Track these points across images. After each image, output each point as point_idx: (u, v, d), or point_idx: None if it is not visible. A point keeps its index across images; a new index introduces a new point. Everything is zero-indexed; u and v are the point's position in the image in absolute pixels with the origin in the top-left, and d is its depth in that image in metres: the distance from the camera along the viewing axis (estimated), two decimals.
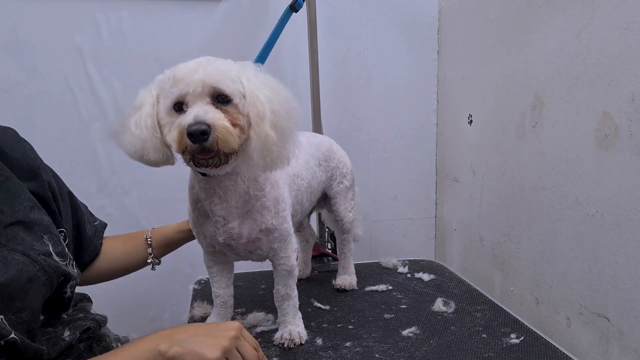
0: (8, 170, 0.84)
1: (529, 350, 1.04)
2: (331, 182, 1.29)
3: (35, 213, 0.84)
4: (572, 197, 1.17)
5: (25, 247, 0.79)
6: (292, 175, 1.08)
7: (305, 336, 1.08)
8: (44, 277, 0.80)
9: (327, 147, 1.27)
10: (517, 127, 1.37)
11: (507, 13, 1.40)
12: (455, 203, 1.79)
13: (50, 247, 0.84)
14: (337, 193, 1.31)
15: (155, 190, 1.69)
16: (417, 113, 1.86)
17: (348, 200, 1.33)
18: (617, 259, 1.05)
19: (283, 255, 1.05)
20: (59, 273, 0.84)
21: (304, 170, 1.13)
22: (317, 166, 1.21)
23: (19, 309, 0.75)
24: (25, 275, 0.76)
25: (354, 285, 1.37)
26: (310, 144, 1.21)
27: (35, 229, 0.83)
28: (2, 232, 0.77)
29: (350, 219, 1.33)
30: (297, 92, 1.73)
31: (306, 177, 1.13)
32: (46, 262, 0.81)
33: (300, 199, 1.12)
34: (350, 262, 1.40)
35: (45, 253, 0.82)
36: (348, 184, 1.32)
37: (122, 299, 1.69)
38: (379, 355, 1.03)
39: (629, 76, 0.99)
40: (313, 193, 1.20)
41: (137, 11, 1.59)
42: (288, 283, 1.08)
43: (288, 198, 1.03)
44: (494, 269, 1.54)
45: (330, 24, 1.73)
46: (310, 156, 1.18)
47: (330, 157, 1.27)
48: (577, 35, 1.12)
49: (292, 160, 0.92)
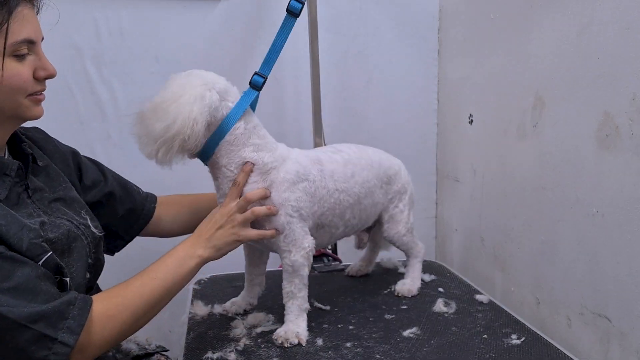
0: (47, 159, 1.02)
1: (529, 351, 1.04)
2: (389, 204, 1.31)
3: (72, 192, 1.01)
4: (573, 197, 1.17)
5: (68, 217, 0.96)
6: (332, 189, 1.14)
7: (305, 337, 1.08)
8: (85, 241, 0.96)
9: (394, 171, 1.31)
10: (518, 127, 1.36)
11: (507, 13, 1.39)
12: (455, 203, 1.78)
13: (88, 220, 1.00)
14: (391, 217, 1.31)
15: (156, 190, 1.68)
16: (417, 113, 1.86)
17: (402, 224, 1.32)
18: (618, 259, 1.05)
19: (284, 249, 1.09)
20: (96, 241, 0.99)
21: (357, 187, 1.19)
22: (378, 187, 1.25)
23: (67, 263, 0.90)
24: (71, 235, 0.92)
25: (414, 292, 1.33)
26: (380, 166, 1.27)
27: (74, 205, 1.00)
28: (47, 206, 0.94)
29: (404, 241, 1.34)
30: (297, 92, 1.73)
31: (356, 195, 1.19)
32: (86, 230, 0.97)
33: (340, 212, 1.17)
34: (414, 268, 1.37)
35: (84, 224, 0.98)
36: (403, 207, 1.32)
37: None
38: (380, 355, 1.03)
39: (629, 76, 0.99)
40: (364, 211, 1.23)
41: (136, 11, 1.58)
42: (293, 281, 1.09)
43: (292, 200, 1.07)
44: (494, 269, 1.53)
45: (331, 24, 1.72)
46: (373, 176, 1.23)
47: (395, 180, 1.31)
48: (577, 34, 1.12)
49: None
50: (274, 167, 1.06)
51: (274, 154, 1.07)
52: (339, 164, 1.17)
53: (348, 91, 1.79)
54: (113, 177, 1.18)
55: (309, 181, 1.10)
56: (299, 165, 1.10)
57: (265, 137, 1.09)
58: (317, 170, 1.13)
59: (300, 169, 1.09)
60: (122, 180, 1.20)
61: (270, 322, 1.17)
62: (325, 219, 1.15)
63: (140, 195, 1.22)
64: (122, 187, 1.18)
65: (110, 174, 1.17)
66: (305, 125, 1.72)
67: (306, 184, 1.10)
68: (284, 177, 1.07)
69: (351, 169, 1.18)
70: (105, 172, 1.17)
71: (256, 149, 1.06)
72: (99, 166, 1.18)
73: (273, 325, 1.15)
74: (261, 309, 1.22)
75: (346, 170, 1.17)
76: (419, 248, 1.37)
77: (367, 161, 1.23)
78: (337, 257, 1.64)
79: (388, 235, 1.32)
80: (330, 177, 1.14)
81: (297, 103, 1.74)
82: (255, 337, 1.12)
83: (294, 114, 1.74)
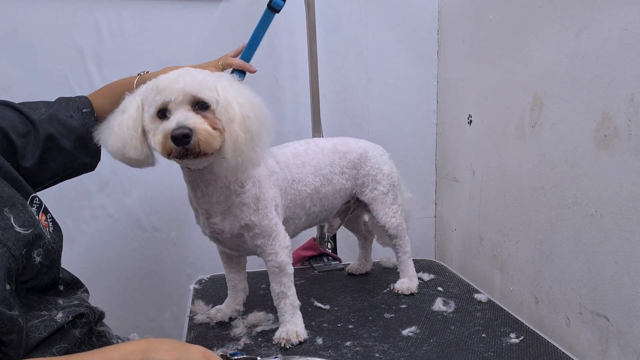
0: None
1: (528, 350, 1.04)
2: (362, 189, 1.30)
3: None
4: (572, 197, 1.17)
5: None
6: (290, 180, 1.14)
7: (304, 335, 1.09)
8: (2, 250, 0.81)
9: (357, 155, 1.29)
10: (517, 127, 1.37)
11: (506, 13, 1.40)
12: (454, 203, 1.79)
13: (12, 219, 0.85)
14: (372, 199, 1.31)
15: (156, 190, 1.69)
16: (417, 113, 1.86)
17: (387, 205, 1.32)
18: (616, 258, 1.05)
19: (270, 252, 1.08)
20: (21, 244, 0.85)
21: (310, 177, 1.18)
22: (337, 174, 1.24)
23: None
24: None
25: (413, 290, 1.34)
26: (334, 152, 1.25)
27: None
28: None
29: (393, 224, 1.32)
30: (297, 92, 1.74)
31: (311, 184, 1.18)
32: (5, 235, 0.83)
33: (300, 203, 1.17)
34: (408, 266, 1.37)
35: (5, 227, 0.83)
36: (384, 189, 1.31)
37: (123, 298, 1.69)
38: (379, 354, 1.03)
39: (628, 76, 0.99)
40: (324, 199, 1.23)
41: (137, 11, 1.58)
42: (282, 281, 1.09)
43: (273, 197, 1.08)
44: (493, 268, 1.54)
45: (330, 25, 1.73)
46: (326, 163, 1.22)
47: (361, 164, 1.29)
48: (576, 35, 1.13)
49: (262, 163, 1.01)
50: None
51: None
52: (288, 157, 1.17)
53: (347, 91, 1.79)
54: (39, 118, 1.02)
55: (275, 173, 1.11)
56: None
57: None
58: (274, 162, 1.13)
59: (267, 161, 1.10)
60: (52, 113, 1.04)
61: (270, 322, 1.17)
62: (289, 211, 1.16)
63: (76, 119, 1.06)
64: (56, 122, 1.04)
65: (36, 115, 1.02)
66: (304, 125, 1.73)
67: (275, 177, 1.11)
68: (264, 174, 1.07)
69: (301, 160, 1.18)
70: (29, 116, 1.01)
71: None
72: (22, 112, 1.01)
73: (273, 324, 1.16)
74: (261, 309, 1.22)
75: (296, 161, 1.18)
76: (406, 240, 1.36)
77: (314, 150, 1.22)
78: (337, 257, 1.65)
79: (377, 217, 1.32)
80: (286, 168, 1.15)
81: (297, 103, 1.74)
82: (255, 336, 1.13)
83: (294, 114, 1.75)
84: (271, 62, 1.71)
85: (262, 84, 1.70)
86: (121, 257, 1.71)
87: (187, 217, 1.73)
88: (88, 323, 0.98)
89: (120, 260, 1.71)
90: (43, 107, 1.05)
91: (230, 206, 1.04)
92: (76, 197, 1.63)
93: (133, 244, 1.70)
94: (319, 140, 1.28)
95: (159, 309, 1.75)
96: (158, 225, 1.71)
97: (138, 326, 1.69)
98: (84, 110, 1.08)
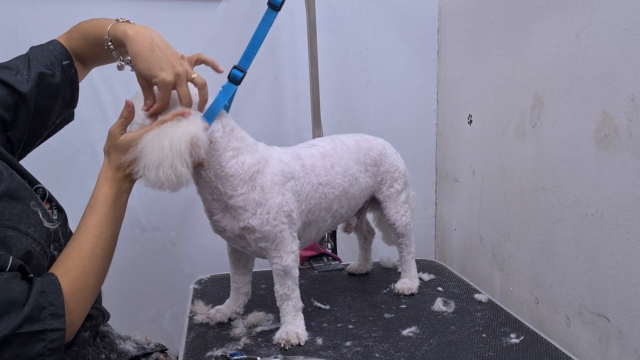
0: None
1: (528, 350, 1.04)
2: (381, 186, 1.30)
3: (15, 178, 0.87)
4: (572, 197, 1.17)
5: (14, 221, 0.82)
6: (316, 184, 1.13)
7: (304, 337, 1.08)
8: (38, 247, 0.85)
9: (378, 152, 1.28)
10: (517, 127, 1.37)
11: (506, 13, 1.40)
12: (455, 203, 1.79)
13: (40, 213, 0.88)
14: (387, 197, 1.30)
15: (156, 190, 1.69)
16: (416, 113, 1.86)
17: (400, 203, 1.31)
18: (616, 258, 1.05)
19: (275, 255, 1.07)
20: (50, 240, 0.89)
21: (339, 178, 1.17)
22: (362, 172, 1.23)
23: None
24: (29, 256, 0.82)
25: (414, 290, 1.33)
26: (359, 149, 1.24)
27: (22, 195, 0.86)
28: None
29: (403, 222, 1.32)
30: (297, 92, 1.74)
31: (340, 185, 1.17)
32: (37, 233, 0.85)
33: (327, 206, 1.16)
34: (410, 266, 1.36)
35: (35, 222, 0.86)
36: (399, 187, 1.31)
37: (122, 298, 1.69)
38: (379, 354, 1.03)
39: (628, 76, 0.99)
40: (352, 199, 1.22)
41: (137, 11, 1.58)
42: (286, 283, 1.09)
43: (283, 204, 1.05)
44: (493, 268, 1.54)
45: (330, 24, 1.73)
46: (353, 162, 1.21)
47: (382, 161, 1.28)
48: (576, 35, 1.13)
49: (271, 168, 1.05)
50: (258, 170, 1.03)
51: (255, 156, 1.04)
52: (317, 158, 1.15)
53: (347, 91, 1.79)
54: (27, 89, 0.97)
55: (295, 179, 1.09)
56: (282, 163, 1.08)
57: (244, 138, 1.05)
58: (299, 166, 1.11)
59: (285, 168, 1.08)
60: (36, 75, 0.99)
61: (270, 322, 1.17)
62: (312, 215, 1.14)
63: (57, 76, 1.03)
64: (42, 87, 1.00)
65: (23, 87, 0.96)
66: (304, 125, 1.73)
67: (293, 183, 1.08)
68: (272, 180, 1.04)
69: (329, 160, 1.17)
70: (16, 88, 0.96)
71: (236, 154, 1.02)
72: (7, 84, 0.96)
73: (273, 324, 1.16)
74: (261, 309, 1.22)
75: (325, 163, 1.16)
76: (412, 240, 1.36)
77: (342, 149, 1.21)
78: (337, 257, 1.65)
79: (388, 214, 1.31)
80: (312, 172, 1.13)
81: (297, 103, 1.74)
82: (255, 336, 1.12)
83: (294, 114, 1.75)
84: (271, 62, 1.70)
85: (262, 84, 1.70)
86: (121, 257, 1.70)
87: (187, 217, 1.74)
88: (96, 325, 0.99)
89: (120, 260, 1.69)
90: (22, 68, 0.99)
91: (226, 206, 1.04)
92: (76, 197, 1.63)
93: (133, 244, 1.70)
94: (343, 137, 1.25)
95: (159, 309, 1.75)
96: (158, 225, 1.71)
97: (138, 326, 1.69)
98: (64, 63, 1.05)
